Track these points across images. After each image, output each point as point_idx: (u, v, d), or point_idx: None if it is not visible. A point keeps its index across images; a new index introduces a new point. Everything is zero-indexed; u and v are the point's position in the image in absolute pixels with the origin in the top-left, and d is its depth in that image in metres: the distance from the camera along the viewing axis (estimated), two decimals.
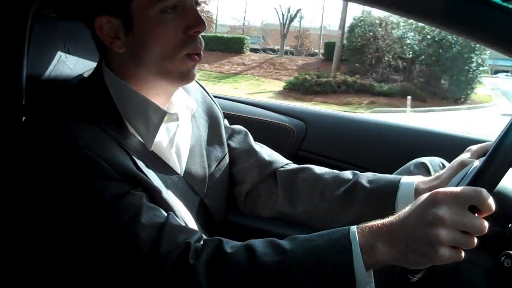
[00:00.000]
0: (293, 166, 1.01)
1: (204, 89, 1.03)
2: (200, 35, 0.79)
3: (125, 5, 0.73)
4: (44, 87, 1.01)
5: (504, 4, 0.72)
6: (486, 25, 0.74)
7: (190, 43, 0.77)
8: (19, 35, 0.93)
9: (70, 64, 1.07)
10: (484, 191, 0.61)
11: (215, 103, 1.03)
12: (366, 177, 0.93)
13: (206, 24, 0.77)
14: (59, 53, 1.04)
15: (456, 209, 0.60)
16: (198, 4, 0.79)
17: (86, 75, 0.86)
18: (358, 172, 0.95)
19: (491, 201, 0.61)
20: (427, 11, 0.78)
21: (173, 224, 0.71)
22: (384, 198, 0.87)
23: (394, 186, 0.88)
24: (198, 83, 1.03)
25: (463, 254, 0.61)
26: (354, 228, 0.65)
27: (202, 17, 0.78)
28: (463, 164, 0.85)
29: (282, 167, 1.00)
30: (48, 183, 0.70)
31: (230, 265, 0.66)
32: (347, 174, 0.95)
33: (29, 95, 0.93)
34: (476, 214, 0.61)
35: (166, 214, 0.72)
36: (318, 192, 0.94)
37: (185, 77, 0.80)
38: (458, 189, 0.62)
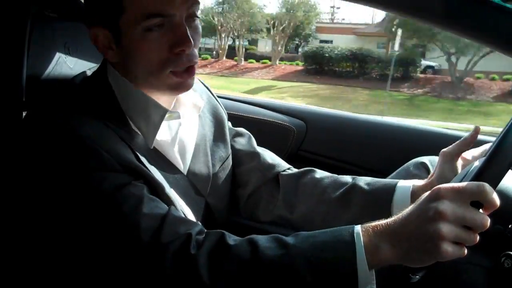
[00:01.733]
0: (294, 170, 1.01)
1: (209, 90, 1.03)
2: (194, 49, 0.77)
3: (115, 19, 0.74)
4: (44, 87, 1.01)
5: (504, 4, 0.72)
6: (486, 25, 0.74)
7: (175, 61, 0.75)
8: (19, 35, 0.93)
9: (70, 64, 1.06)
10: (487, 185, 0.60)
11: (219, 104, 1.03)
12: (364, 180, 0.92)
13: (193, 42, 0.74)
14: (59, 53, 1.04)
15: (458, 204, 0.59)
16: (193, 16, 0.77)
17: (89, 73, 0.87)
18: (357, 176, 0.95)
19: (495, 196, 0.60)
20: (427, 11, 0.78)
21: (174, 215, 0.71)
22: (380, 201, 0.87)
23: (390, 189, 0.87)
24: (203, 83, 1.04)
25: (465, 250, 0.61)
26: (358, 227, 0.64)
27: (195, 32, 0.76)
28: (444, 156, 0.85)
29: (284, 171, 1.00)
30: (48, 173, 0.70)
31: (232, 257, 0.65)
32: (346, 178, 0.95)
33: (29, 95, 0.93)
34: (480, 210, 0.60)
35: (167, 207, 0.72)
36: (316, 195, 0.94)
37: (175, 89, 0.79)
38: (460, 184, 0.61)
